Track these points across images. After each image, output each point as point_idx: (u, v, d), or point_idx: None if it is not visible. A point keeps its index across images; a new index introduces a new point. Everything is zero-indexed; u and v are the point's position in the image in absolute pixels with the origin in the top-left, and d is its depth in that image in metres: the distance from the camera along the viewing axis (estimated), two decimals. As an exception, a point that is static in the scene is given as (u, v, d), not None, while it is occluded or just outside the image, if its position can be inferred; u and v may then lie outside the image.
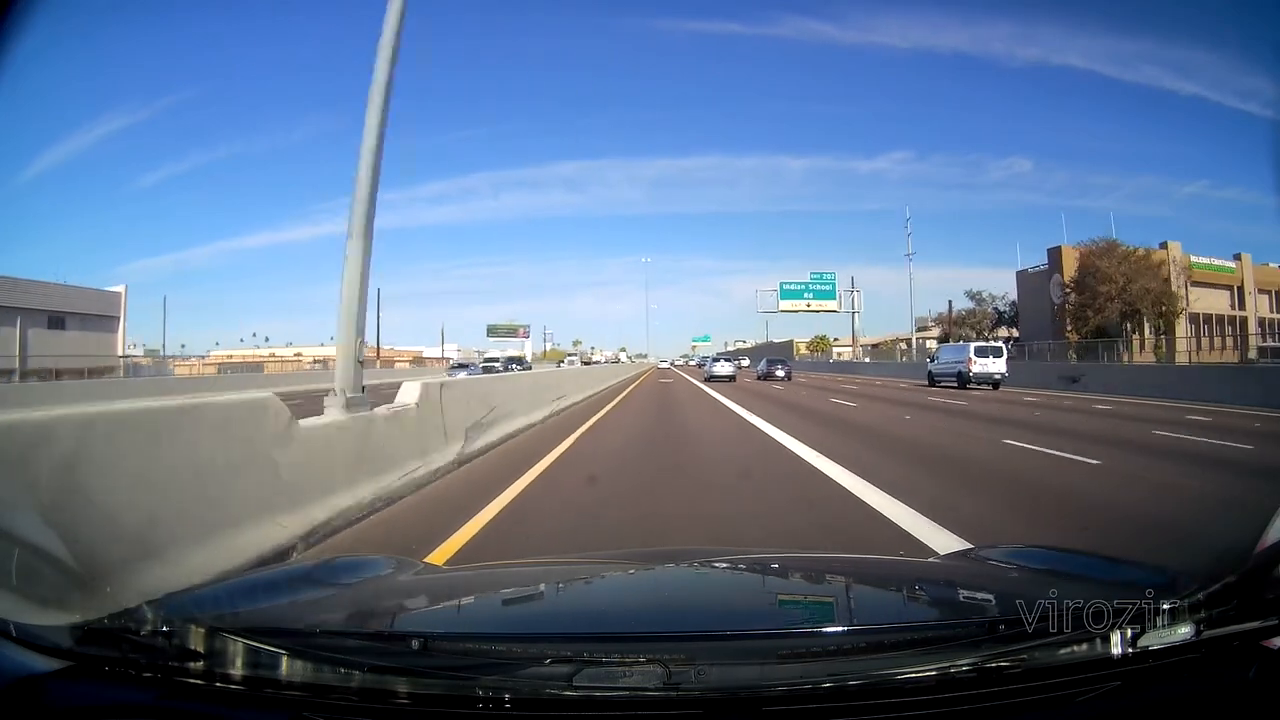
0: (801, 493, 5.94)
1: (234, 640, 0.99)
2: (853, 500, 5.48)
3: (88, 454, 2.68)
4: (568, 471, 6.96)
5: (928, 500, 5.26)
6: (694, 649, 1.03)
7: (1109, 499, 5.68)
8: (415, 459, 5.98)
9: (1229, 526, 4.55)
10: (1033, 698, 0.96)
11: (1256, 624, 1.00)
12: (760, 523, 4.88)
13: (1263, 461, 7.66)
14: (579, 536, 4.53)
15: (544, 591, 1.60)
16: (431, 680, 0.97)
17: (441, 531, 4.40)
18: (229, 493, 3.49)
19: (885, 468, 6.97)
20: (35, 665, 1.02)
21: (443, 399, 6.92)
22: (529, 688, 0.95)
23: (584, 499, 5.71)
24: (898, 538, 4.30)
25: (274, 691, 0.96)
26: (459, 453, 7.00)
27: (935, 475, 6.81)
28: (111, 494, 2.75)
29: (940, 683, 0.94)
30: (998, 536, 4.15)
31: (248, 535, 3.50)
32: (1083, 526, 4.75)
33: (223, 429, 3.58)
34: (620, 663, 0.98)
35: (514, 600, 1.52)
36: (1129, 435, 10.04)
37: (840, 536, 4.50)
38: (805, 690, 0.93)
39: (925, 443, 9.42)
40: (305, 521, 4.02)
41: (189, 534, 3.10)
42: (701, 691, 0.93)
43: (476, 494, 5.58)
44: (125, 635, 1.03)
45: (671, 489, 6.10)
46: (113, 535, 2.65)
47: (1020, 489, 6.16)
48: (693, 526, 4.74)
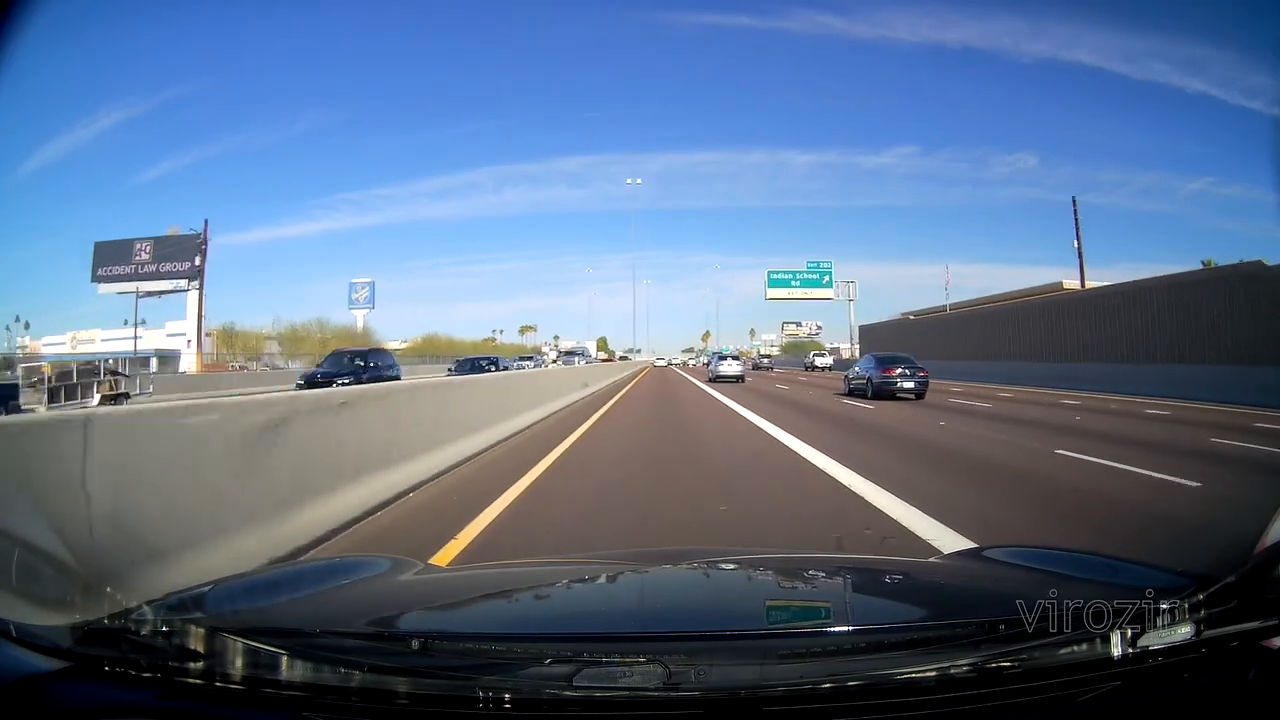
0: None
1: (234, 640, 0.99)
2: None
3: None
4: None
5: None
6: (694, 649, 1.03)
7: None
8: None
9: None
10: (1033, 698, 0.96)
11: (1256, 624, 1.00)
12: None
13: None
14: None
15: (544, 591, 1.60)
16: (431, 680, 0.97)
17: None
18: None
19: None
20: (35, 665, 1.02)
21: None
22: (529, 688, 0.95)
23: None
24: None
25: (274, 691, 0.96)
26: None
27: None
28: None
29: (940, 683, 0.94)
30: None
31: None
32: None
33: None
34: (620, 663, 0.98)
35: (514, 600, 1.52)
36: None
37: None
38: (805, 690, 0.93)
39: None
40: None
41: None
42: (702, 691, 0.93)
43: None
44: (125, 635, 1.03)
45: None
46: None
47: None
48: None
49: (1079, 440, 9.05)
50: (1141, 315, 23.80)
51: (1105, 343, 25.32)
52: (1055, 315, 29.75)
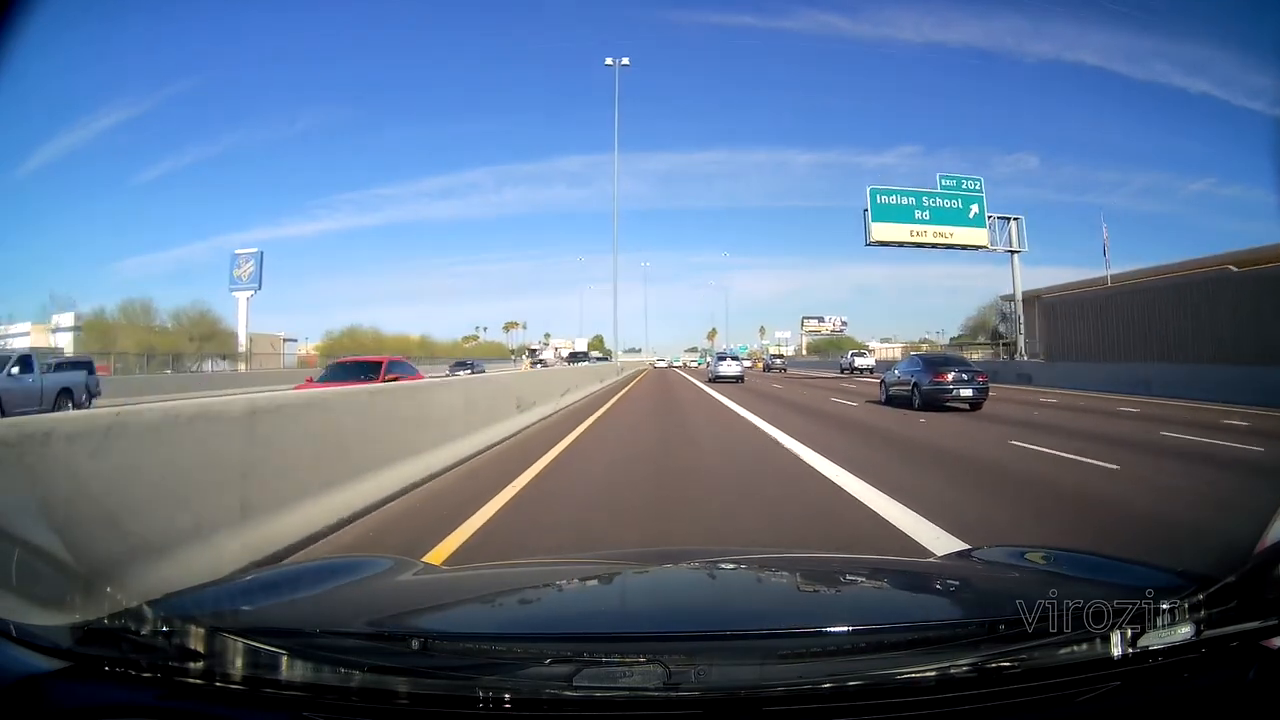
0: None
1: (234, 640, 0.99)
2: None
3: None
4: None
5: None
6: (694, 649, 1.04)
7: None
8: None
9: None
10: (1033, 698, 0.96)
11: (1256, 624, 1.00)
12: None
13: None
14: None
15: (544, 591, 1.60)
16: (432, 680, 0.97)
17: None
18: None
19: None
20: (35, 665, 1.02)
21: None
22: (529, 688, 0.95)
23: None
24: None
25: (274, 691, 0.97)
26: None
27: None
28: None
29: (940, 683, 0.95)
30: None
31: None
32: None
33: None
34: (620, 663, 0.98)
35: (514, 600, 1.52)
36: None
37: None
38: (805, 690, 0.93)
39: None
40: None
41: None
42: (701, 691, 0.93)
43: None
44: (125, 635, 1.03)
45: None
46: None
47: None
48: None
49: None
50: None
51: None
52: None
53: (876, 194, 30.74)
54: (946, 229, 30.78)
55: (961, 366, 15.06)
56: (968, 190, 31.13)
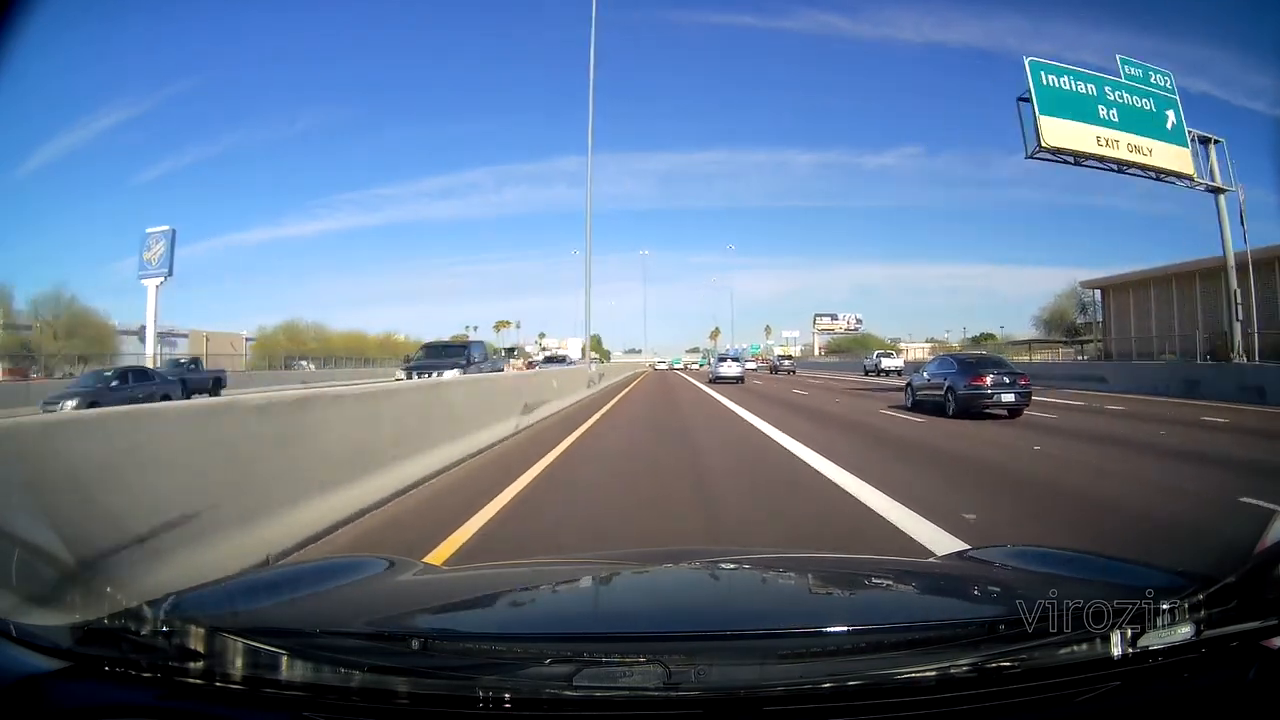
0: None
1: (234, 640, 0.99)
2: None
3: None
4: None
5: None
6: (694, 649, 1.04)
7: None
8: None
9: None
10: (1033, 698, 0.96)
11: (1256, 624, 1.00)
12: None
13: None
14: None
15: (544, 591, 1.60)
16: (432, 680, 0.97)
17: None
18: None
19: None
20: (35, 665, 1.02)
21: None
22: (529, 688, 0.95)
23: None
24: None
25: (274, 692, 0.96)
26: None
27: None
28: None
29: (940, 683, 0.95)
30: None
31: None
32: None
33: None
34: (620, 663, 0.98)
35: (514, 600, 1.52)
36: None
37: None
38: (805, 690, 0.93)
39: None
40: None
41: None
42: (701, 691, 0.93)
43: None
44: (125, 635, 1.03)
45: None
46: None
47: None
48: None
49: None
50: None
51: None
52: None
53: (1041, 72, 19.22)
54: (1142, 141, 19.58)
55: (1001, 368, 13.63)
56: (1157, 88, 20.09)
